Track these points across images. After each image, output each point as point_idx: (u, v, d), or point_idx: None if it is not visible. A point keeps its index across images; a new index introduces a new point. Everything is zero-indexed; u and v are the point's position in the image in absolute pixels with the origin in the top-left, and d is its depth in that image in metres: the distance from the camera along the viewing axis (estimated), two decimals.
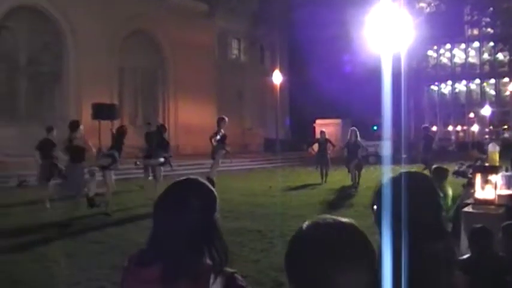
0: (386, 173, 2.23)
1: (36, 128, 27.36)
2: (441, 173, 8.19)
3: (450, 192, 8.20)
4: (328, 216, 1.45)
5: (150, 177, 15.20)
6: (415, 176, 2.09)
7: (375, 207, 2.01)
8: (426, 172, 9.82)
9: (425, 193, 2.02)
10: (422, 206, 1.95)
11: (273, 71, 37.78)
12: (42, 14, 28.51)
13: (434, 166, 8.59)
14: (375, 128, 42.59)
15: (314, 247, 1.35)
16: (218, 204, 2.07)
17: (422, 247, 1.88)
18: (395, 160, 18.40)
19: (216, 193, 2.09)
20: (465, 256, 4.61)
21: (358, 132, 18.84)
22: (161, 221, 2.01)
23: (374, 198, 2.05)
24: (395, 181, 2.00)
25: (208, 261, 1.95)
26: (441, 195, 2.25)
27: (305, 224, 1.43)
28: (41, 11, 28.41)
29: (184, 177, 2.12)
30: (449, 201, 8.23)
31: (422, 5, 36.92)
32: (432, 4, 37.46)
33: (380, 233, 1.87)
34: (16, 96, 28.47)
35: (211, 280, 1.90)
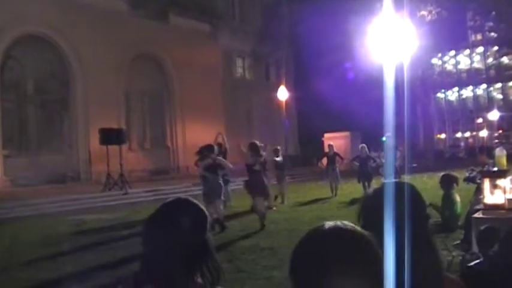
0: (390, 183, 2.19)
1: (46, 156, 27.69)
2: (449, 180, 8.15)
3: (458, 199, 8.14)
4: (344, 222, 1.45)
5: None
6: (399, 186, 2.05)
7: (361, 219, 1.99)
8: None
9: (410, 203, 1.99)
10: (406, 217, 1.90)
11: (279, 87, 37.86)
12: (47, 42, 28.72)
13: (442, 173, 8.55)
14: (384, 139, 42.49)
15: (321, 247, 1.35)
16: (209, 223, 2.06)
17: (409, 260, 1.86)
18: (405, 170, 18.41)
19: (206, 212, 2.08)
20: (476, 261, 4.57)
21: (367, 149, 20.00)
22: (151, 242, 2.00)
23: (359, 211, 2.04)
24: (378, 192, 1.98)
25: (200, 280, 1.96)
26: (432, 205, 2.22)
27: (317, 226, 1.43)
28: (46, 40, 28.61)
29: (173, 198, 2.12)
30: (458, 209, 8.18)
31: (424, 12, 36.87)
32: (433, 12, 37.39)
33: None
34: (25, 125, 28.64)
35: None
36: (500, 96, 65.40)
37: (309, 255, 1.36)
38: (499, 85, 65.31)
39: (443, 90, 66.89)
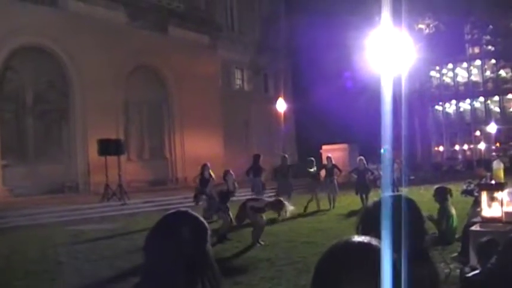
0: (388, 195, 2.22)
1: (45, 166, 27.67)
2: (443, 193, 8.19)
3: (454, 211, 8.17)
4: (367, 238, 1.46)
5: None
6: (398, 200, 2.07)
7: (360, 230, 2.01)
8: None
9: (409, 217, 2.00)
10: (405, 231, 1.90)
11: (277, 98, 37.87)
12: (45, 53, 28.69)
13: (436, 186, 8.59)
14: (382, 151, 42.47)
15: (342, 261, 1.37)
16: (209, 235, 2.09)
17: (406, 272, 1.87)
18: (403, 182, 18.48)
19: (207, 224, 2.11)
20: (474, 272, 4.60)
21: (365, 161, 20.32)
22: (152, 253, 2.02)
23: (358, 222, 2.06)
24: (378, 205, 2.00)
25: None
26: (429, 217, 2.24)
27: (342, 240, 1.45)
28: (45, 50, 28.63)
29: (174, 210, 2.15)
30: (454, 222, 8.20)
31: (422, 26, 37.07)
32: (431, 25, 37.62)
33: None
34: (24, 136, 28.57)
35: None
36: (497, 109, 65.62)
37: (330, 269, 1.38)
38: (496, 98, 65.55)
39: (441, 103, 67.16)
